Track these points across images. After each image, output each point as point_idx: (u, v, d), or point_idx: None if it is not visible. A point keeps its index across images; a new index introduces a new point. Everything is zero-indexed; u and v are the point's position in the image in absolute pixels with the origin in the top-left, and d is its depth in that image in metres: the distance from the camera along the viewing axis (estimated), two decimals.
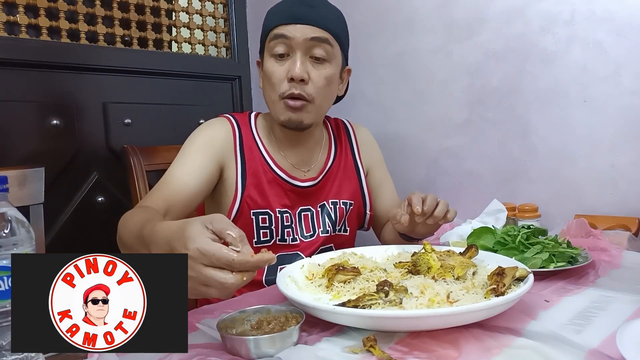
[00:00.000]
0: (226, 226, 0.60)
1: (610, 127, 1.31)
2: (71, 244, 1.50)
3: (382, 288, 0.72)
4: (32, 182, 1.08)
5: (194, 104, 1.83)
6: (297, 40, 1.01)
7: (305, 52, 1.02)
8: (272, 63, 1.05)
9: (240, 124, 1.13)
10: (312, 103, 1.05)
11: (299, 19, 1.01)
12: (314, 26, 1.02)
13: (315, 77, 1.03)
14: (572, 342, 0.61)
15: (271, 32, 1.04)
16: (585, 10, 1.32)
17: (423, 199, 0.96)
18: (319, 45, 1.02)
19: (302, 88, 1.02)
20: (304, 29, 1.01)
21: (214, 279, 0.58)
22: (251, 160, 1.10)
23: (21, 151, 1.41)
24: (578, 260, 0.96)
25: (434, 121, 1.65)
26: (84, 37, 1.56)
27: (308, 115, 1.06)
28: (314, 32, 1.01)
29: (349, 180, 1.21)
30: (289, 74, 1.02)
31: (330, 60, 1.05)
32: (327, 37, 1.03)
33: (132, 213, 0.91)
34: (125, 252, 0.86)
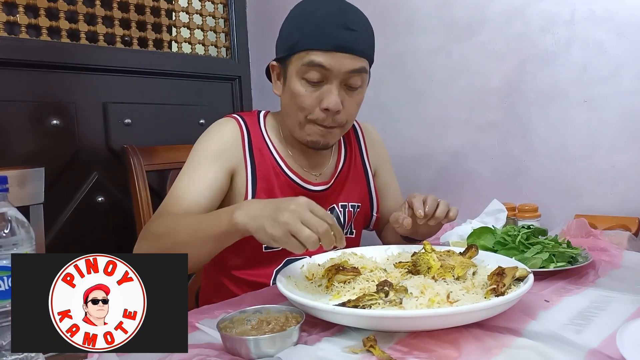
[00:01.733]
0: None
1: (610, 127, 1.31)
2: (71, 244, 1.50)
3: (382, 288, 0.72)
4: (32, 182, 1.08)
5: (194, 104, 1.83)
6: (336, 72, 0.95)
7: (342, 81, 0.97)
8: (303, 86, 0.97)
9: (249, 124, 1.09)
10: (341, 127, 1.03)
11: (341, 47, 0.93)
12: (354, 55, 0.95)
13: (348, 104, 0.99)
14: (572, 342, 0.61)
15: (304, 53, 0.95)
16: (585, 10, 1.32)
17: (424, 201, 0.95)
18: (356, 76, 0.97)
19: (334, 118, 0.99)
20: (345, 60, 0.94)
21: (311, 222, 0.72)
22: (262, 164, 1.06)
23: (21, 151, 1.41)
24: (578, 260, 0.96)
25: (434, 121, 1.65)
26: (84, 37, 1.56)
27: (335, 137, 1.04)
28: (353, 64, 0.95)
29: (358, 182, 1.19)
30: (324, 104, 0.96)
31: (363, 85, 1.01)
32: (365, 65, 0.98)
33: (163, 219, 0.92)
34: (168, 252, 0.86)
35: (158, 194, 1.58)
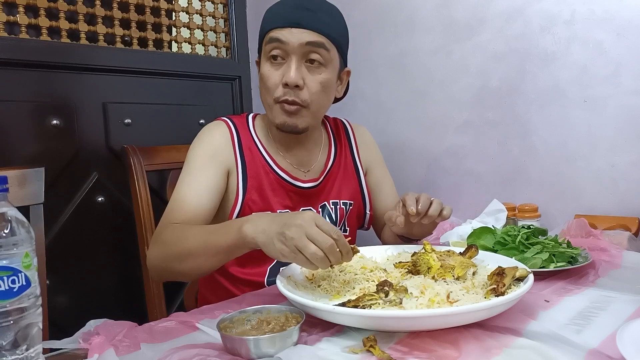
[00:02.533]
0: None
1: (610, 127, 1.31)
2: (71, 244, 1.50)
3: (382, 288, 0.72)
4: (32, 182, 1.08)
5: (194, 104, 1.83)
6: (292, 45, 1.00)
7: (301, 57, 1.01)
8: (268, 66, 1.04)
9: (238, 126, 1.12)
10: (307, 108, 1.04)
11: (296, 23, 1.00)
12: (310, 30, 1.00)
13: (310, 82, 1.02)
14: (572, 342, 0.61)
15: (267, 34, 1.03)
16: (585, 10, 1.32)
17: (417, 199, 0.96)
18: (315, 50, 1.01)
19: (296, 94, 1.02)
20: (300, 34, 1.00)
21: (317, 237, 0.72)
22: (252, 163, 1.09)
23: (21, 151, 1.41)
24: (578, 260, 0.96)
25: (434, 121, 1.65)
26: (84, 37, 1.56)
27: (303, 120, 1.05)
28: (310, 37, 1.00)
29: (348, 180, 1.21)
30: (284, 79, 1.01)
31: (326, 64, 1.04)
32: (324, 41, 1.02)
33: (173, 228, 0.94)
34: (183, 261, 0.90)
35: (158, 194, 1.58)
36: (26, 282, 0.56)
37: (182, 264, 0.91)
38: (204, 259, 0.89)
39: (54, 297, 1.44)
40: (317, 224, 0.74)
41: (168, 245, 0.93)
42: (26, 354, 0.56)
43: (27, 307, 0.56)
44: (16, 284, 0.55)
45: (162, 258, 0.94)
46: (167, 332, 0.72)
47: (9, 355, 0.54)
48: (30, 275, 0.56)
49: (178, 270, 0.93)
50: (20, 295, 0.55)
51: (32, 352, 0.57)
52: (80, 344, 0.66)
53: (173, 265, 0.93)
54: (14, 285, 0.54)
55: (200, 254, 0.88)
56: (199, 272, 0.95)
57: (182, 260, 0.91)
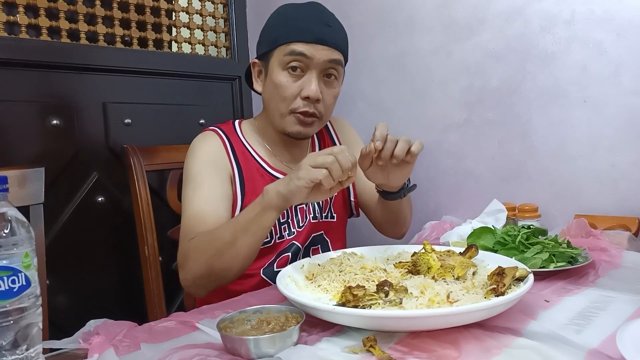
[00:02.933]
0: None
1: (610, 127, 1.31)
2: (71, 244, 1.50)
3: (382, 288, 0.72)
4: (32, 182, 1.08)
5: (194, 104, 1.83)
6: (316, 62, 1.04)
7: (320, 71, 1.06)
8: (285, 76, 1.05)
9: (228, 133, 1.15)
10: (320, 119, 1.10)
11: (321, 40, 1.03)
12: (332, 48, 1.05)
13: (326, 95, 1.08)
14: (572, 342, 0.61)
15: (286, 45, 1.04)
16: (585, 10, 1.32)
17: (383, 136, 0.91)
18: (334, 67, 1.06)
19: (315, 107, 1.06)
20: (325, 51, 1.04)
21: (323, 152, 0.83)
22: (247, 168, 1.12)
23: (21, 151, 1.41)
24: (578, 260, 0.96)
25: (434, 121, 1.65)
26: (84, 37, 1.56)
27: (315, 129, 1.12)
28: (333, 55, 1.05)
29: None
30: (304, 92, 1.04)
31: (338, 79, 1.10)
32: (341, 58, 1.08)
33: (200, 236, 0.98)
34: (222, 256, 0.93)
35: (158, 194, 1.58)
36: (26, 282, 0.56)
37: (223, 258, 0.92)
38: (241, 242, 0.91)
39: (54, 297, 1.44)
40: (319, 153, 0.85)
41: (203, 251, 0.94)
42: (26, 354, 0.56)
43: (27, 307, 0.56)
44: (16, 284, 0.55)
45: (201, 266, 0.95)
46: (167, 332, 0.72)
47: (9, 355, 0.54)
48: (30, 275, 0.56)
49: (221, 267, 0.94)
50: (20, 295, 0.55)
51: (32, 352, 0.57)
52: (80, 344, 0.66)
53: (215, 265, 0.93)
54: (14, 285, 0.54)
55: (238, 236, 0.91)
56: (241, 259, 0.94)
57: (222, 254, 0.92)
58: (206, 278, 0.96)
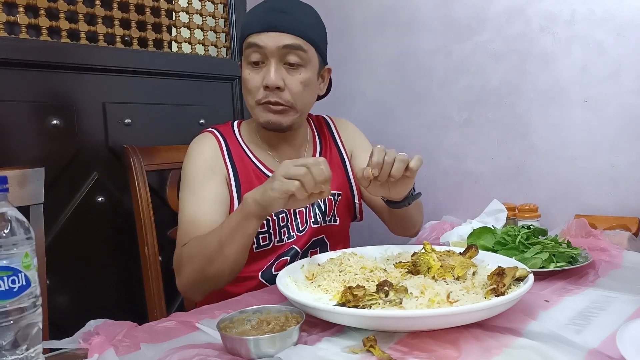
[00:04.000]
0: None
1: (610, 127, 1.31)
2: (71, 244, 1.50)
3: (382, 288, 0.72)
4: (32, 182, 1.08)
5: (194, 104, 1.83)
6: (270, 49, 1.02)
7: (279, 59, 1.04)
8: (248, 71, 1.07)
9: (225, 135, 1.15)
10: (292, 108, 1.07)
11: (272, 26, 1.02)
12: (286, 33, 1.02)
13: (291, 83, 1.05)
14: (572, 342, 0.61)
15: (245, 40, 1.06)
16: (585, 10, 1.32)
17: (379, 162, 0.90)
18: (292, 52, 1.03)
19: (278, 95, 1.04)
20: (277, 37, 1.02)
21: (297, 162, 0.83)
22: (242, 169, 1.11)
23: (21, 151, 1.41)
24: (578, 260, 0.96)
25: (434, 121, 1.65)
26: (84, 37, 1.56)
27: (288, 118, 1.08)
28: (286, 40, 1.02)
29: (335, 171, 1.18)
30: (264, 82, 1.04)
31: (305, 64, 1.06)
32: (300, 43, 1.04)
33: (191, 243, 0.99)
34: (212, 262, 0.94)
35: (158, 194, 1.58)
36: (26, 282, 0.56)
37: (213, 265, 0.94)
38: (227, 249, 0.92)
39: (54, 297, 1.44)
40: (294, 163, 0.84)
41: (194, 258, 0.96)
42: (26, 354, 0.56)
43: (27, 307, 0.56)
44: (16, 284, 0.55)
45: (194, 272, 0.96)
46: (167, 332, 0.72)
47: (9, 355, 0.54)
48: (30, 275, 0.56)
49: (213, 273, 0.95)
50: (20, 295, 0.55)
51: (32, 352, 0.57)
52: (80, 344, 0.66)
53: (206, 271, 0.95)
54: (14, 285, 0.54)
55: (224, 244, 0.92)
56: (230, 265, 0.95)
57: (212, 261, 0.93)
58: (200, 283, 0.98)
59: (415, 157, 0.92)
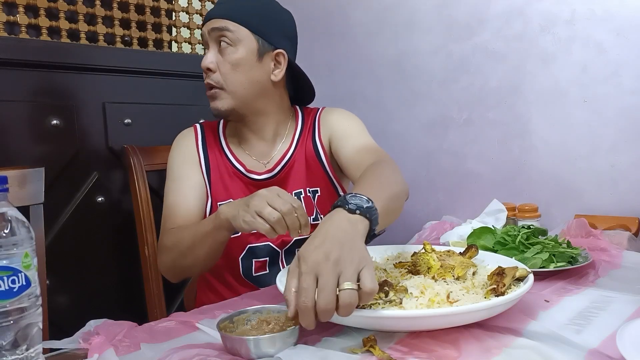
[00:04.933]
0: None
1: (610, 127, 1.31)
2: (71, 244, 1.50)
3: (382, 288, 0.72)
4: (32, 182, 1.08)
5: (194, 104, 1.83)
6: (204, 36, 1.10)
7: (215, 43, 1.09)
8: None
9: (206, 128, 1.21)
10: (223, 90, 1.10)
11: (210, 16, 1.10)
12: (216, 19, 1.08)
13: (221, 64, 1.09)
14: (572, 342, 0.61)
15: None
16: (585, 10, 1.32)
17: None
18: (220, 34, 1.08)
19: (210, 77, 1.10)
20: (210, 24, 1.09)
21: (276, 202, 0.79)
22: (214, 159, 1.16)
23: (21, 151, 1.41)
24: (578, 260, 0.96)
25: (434, 121, 1.65)
26: (84, 37, 1.56)
27: (223, 102, 1.10)
28: (214, 24, 1.08)
29: (310, 167, 1.17)
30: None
31: (233, 44, 1.08)
32: (226, 24, 1.07)
33: (171, 232, 1.06)
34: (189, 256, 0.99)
35: (158, 194, 1.57)
36: (26, 282, 0.56)
37: (186, 260, 1.00)
38: (199, 249, 0.97)
39: (54, 297, 1.44)
40: (279, 194, 0.82)
41: (171, 248, 1.03)
42: (26, 354, 0.56)
43: (27, 307, 0.56)
44: (16, 284, 0.55)
45: (169, 261, 1.04)
46: (167, 332, 0.72)
47: (9, 355, 0.54)
48: (30, 275, 0.56)
49: (184, 266, 1.03)
50: (20, 295, 0.55)
51: (32, 352, 0.57)
52: (80, 344, 0.66)
53: (180, 263, 1.02)
54: (14, 285, 0.54)
55: (196, 244, 0.97)
56: (200, 263, 1.02)
57: (185, 256, 1.00)
58: (174, 271, 1.06)
59: (366, 276, 0.61)
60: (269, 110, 1.15)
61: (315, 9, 1.22)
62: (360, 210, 0.69)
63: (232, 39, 1.08)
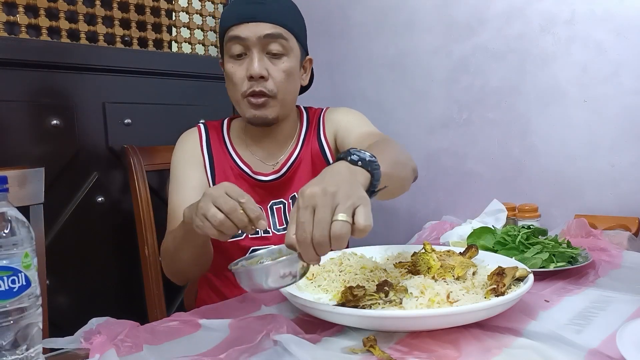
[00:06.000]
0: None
1: (610, 127, 1.31)
2: (71, 244, 1.50)
3: (382, 288, 0.72)
4: (32, 182, 1.08)
5: (194, 104, 1.83)
6: (251, 40, 1.02)
7: (261, 49, 1.03)
8: (231, 64, 1.06)
9: (210, 128, 1.19)
10: (274, 98, 1.06)
11: (251, 17, 1.02)
12: (266, 22, 1.02)
13: (274, 72, 1.04)
14: (572, 342, 0.61)
15: (226, 34, 1.06)
16: (585, 10, 1.32)
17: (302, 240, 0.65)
18: (274, 41, 1.03)
19: (262, 85, 1.04)
20: (257, 27, 1.02)
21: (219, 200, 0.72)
22: (219, 160, 1.14)
23: (21, 151, 1.41)
24: (578, 260, 0.96)
25: (434, 121, 1.65)
26: (84, 37, 1.56)
27: (272, 110, 1.07)
28: (266, 29, 1.02)
29: (316, 165, 1.17)
30: (248, 72, 1.03)
31: (287, 53, 1.06)
32: (281, 31, 1.04)
33: (166, 236, 1.07)
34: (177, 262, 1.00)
35: (158, 194, 1.58)
36: (26, 282, 0.56)
37: (176, 264, 1.01)
38: (182, 253, 0.96)
39: (54, 297, 1.44)
40: (227, 191, 0.74)
41: (164, 253, 1.04)
42: (26, 354, 0.56)
43: (27, 307, 0.56)
44: (16, 284, 0.55)
45: (166, 266, 1.06)
46: (170, 332, 0.72)
47: (9, 355, 0.54)
48: (30, 275, 0.56)
49: (178, 270, 1.03)
50: (20, 295, 0.55)
51: (32, 352, 0.57)
52: (82, 344, 0.66)
53: (173, 267, 1.03)
54: (14, 285, 0.54)
55: (178, 249, 0.96)
56: (190, 266, 1.01)
57: (174, 261, 1.01)
58: (172, 275, 1.06)
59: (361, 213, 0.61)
60: (289, 113, 1.16)
61: (315, 9, 1.22)
62: (362, 162, 0.70)
63: (285, 47, 1.04)
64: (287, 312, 0.77)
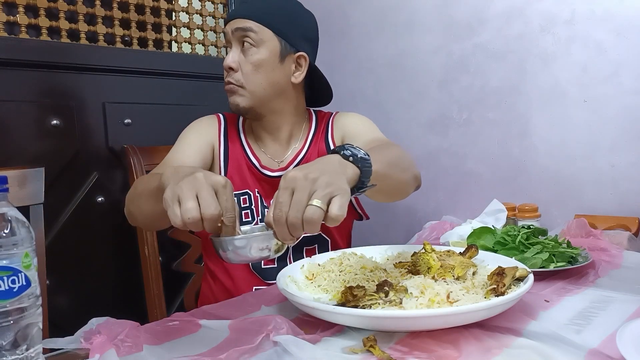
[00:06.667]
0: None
1: (610, 127, 1.31)
2: (71, 244, 1.50)
3: (382, 288, 0.72)
4: (32, 182, 1.08)
5: (194, 104, 1.83)
6: (228, 34, 1.11)
7: (237, 43, 1.10)
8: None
9: (228, 119, 1.23)
10: (243, 88, 1.11)
11: (232, 15, 1.11)
12: (241, 18, 1.09)
13: (244, 64, 1.10)
14: (572, 342, 0.61)
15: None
16: (585, 10, 1.32)
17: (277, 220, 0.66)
18: (244, 34, 1.09)
19: (231, 76, 1.10)
20: (234, 23, 1.10)
21: (205, 199, 0.63)
22: (233, 147, 1.18)
23: (21, 151, 1.41)
24: (578, 260, 0.96)
25: (434, 121, 1.65)
26: (84, 37, 1.56)
27: (243, 99, 1.11)
28: (238, 24, 1.09)
29: None
30: (223, 64, 1.11)
31: (257, 45, 1.09)
32: (250, 25, 1.09)
33: (143, 176, 1.08)
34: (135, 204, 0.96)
35: None
36: (26, 282, 0.56)
37: (132, 205, 0.97)
38: (144, 200, 0.89)
39: (54, 297, 1.44)
40: (217, 191, 0.65)
41: (133, 188, 1.02)
42: (26, 354, 0.56)
43: (27, 307, 0.56)
44: (16, 284, 0.55)
45: (127, 199, 1.01)
46: (170, 332, 0.72)
47: (9, 355, 0.54)
48: (30, 275, 0.56)
49: (130, 210, 0.99)
50: (20, 295, 0.55)
51: (32, 352, 0.57)
52: (82, 344, 0.66)
53: (129, 205, 0.99)
54: (14, 285, 0.54)
55: (143, 194, 0.91)
56: (142, 217, 0.95)
57: (132, 201, 0.98)
58: (128, 215, 1.01)
59: (336, 202, 0.63)
60: (286, 111, 1.17)
61: (315, 9, 1.23)
62: (353, 158, 0.71)
63: (255, 40, 1.09)
64: (287, 312, 0.77)
